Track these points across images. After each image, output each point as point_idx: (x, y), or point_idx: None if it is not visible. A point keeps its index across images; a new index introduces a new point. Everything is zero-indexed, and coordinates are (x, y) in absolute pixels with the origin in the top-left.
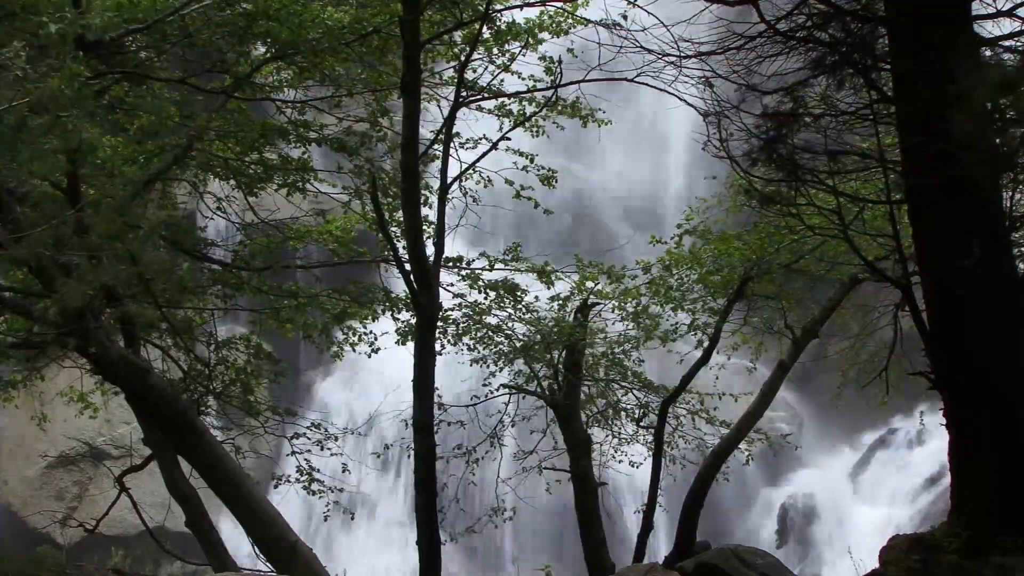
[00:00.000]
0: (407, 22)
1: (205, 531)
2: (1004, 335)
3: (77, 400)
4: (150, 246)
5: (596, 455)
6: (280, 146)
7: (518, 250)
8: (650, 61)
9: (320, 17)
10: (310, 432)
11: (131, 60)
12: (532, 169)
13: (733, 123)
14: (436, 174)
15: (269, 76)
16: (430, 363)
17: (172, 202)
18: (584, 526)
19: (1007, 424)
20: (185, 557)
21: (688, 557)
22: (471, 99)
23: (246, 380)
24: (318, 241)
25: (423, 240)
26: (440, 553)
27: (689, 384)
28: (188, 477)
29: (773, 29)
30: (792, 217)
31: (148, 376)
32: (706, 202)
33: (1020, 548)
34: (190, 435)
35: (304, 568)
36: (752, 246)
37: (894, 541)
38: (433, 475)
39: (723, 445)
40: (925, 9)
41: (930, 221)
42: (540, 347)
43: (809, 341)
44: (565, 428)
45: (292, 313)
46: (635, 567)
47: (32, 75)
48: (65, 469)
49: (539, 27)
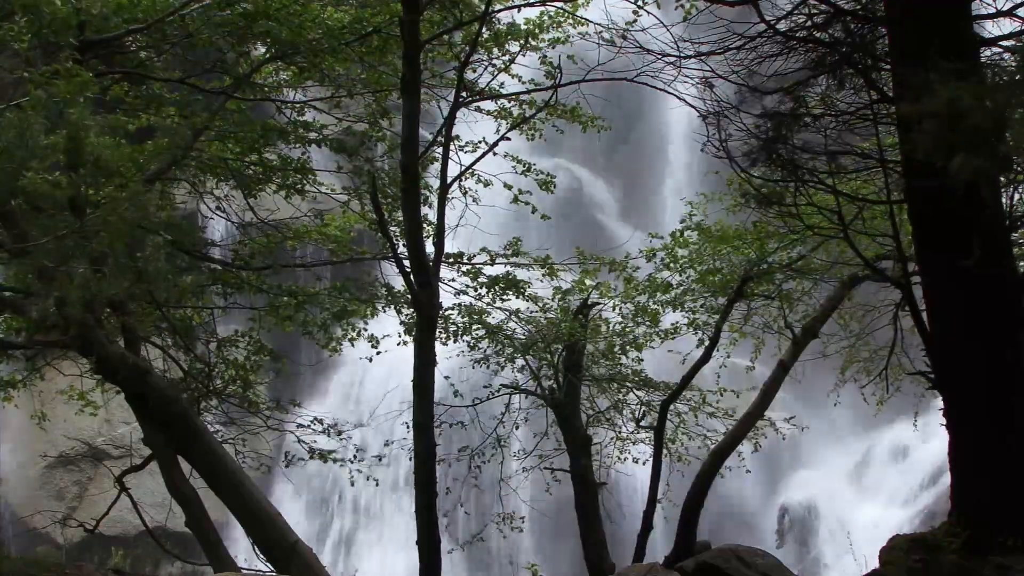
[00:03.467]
0: (407, 22)
1: (205, 531)
2: (1004, 335)
3: (77, 400)
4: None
5: (596, 455)
6: (280, 147)
7: (518, 244)
8: (650, 61)
9: (320, 17)
10: (314, 424)
11: (131, 60)
12: (530, 174)
13: (733, 123)
14: (435, 174)
15: (269, 76)
16: (430, 363)
17: (172, 202)
18: (584, 526)
19: (1006, 424)
20: (185, 557)
21: (688, 557)
22: (471, 99)
23: (245, 375)
24: (317, 241)
25: (423, 240)
26: (440, 553)
27: (689, 383)
28: (188, 477)
29: (773, 29)
30: (792, 217)
31: (148, 376)
32: (707, 198)
33: (1020, 548)
34: (190, 435)
35: (304, 568)
36: (752, 246)
37: (894, 541)
38: (433, 475)
39: (723, 445)
40: (925, 9)
41: (930, 221)
42: (540, 347)
43: (809, 341)
44: (565, 428)
45: (291, 311)
46: (635, 567)
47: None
48: (65, 469)
49: (539, 28)
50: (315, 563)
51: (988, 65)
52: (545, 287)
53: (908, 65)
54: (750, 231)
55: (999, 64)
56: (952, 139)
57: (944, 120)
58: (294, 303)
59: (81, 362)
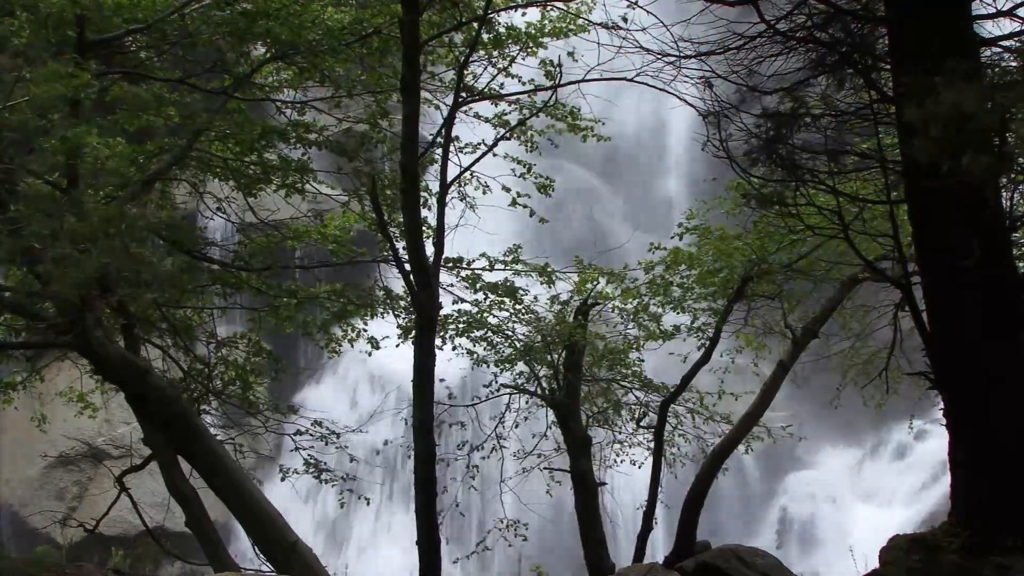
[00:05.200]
0: (407, 23)
1: (205, 531)
2: (1004, 335)
3: (77, 400)
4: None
5: (596, 455)
6: (280, 147)
7: (518, 252)
8: (650, 61)
9: (320, 18)
10: (313, 430)
11: (131, 60)
12: (530, 178)
13: (733, 123)
14: (435, 175)
15: (269, 76)
16: (430, 363)
17: (172, 202)
18: (584, 526)
19: (1007, 424)
20: (185, 557)
21: (688, 557)
22: (471, 100)
23: (245, 376)
24: (317, 241)
25: (423, 240)
26: (440, 553)
27: (689, 384)
28: (188, 477)
29: (773, 29)
30: (792, 217)
31: (148, 376)
32: (707, 204)
33: (1020, 548)
34: (190, 435)
35: (304, 568)
36: (752, 246)
37: (894, 541)
38: (433, 476)
39: (723, 446)
40: (925, 9)
41: (930, 221)
42: (540, 347)
43: (809, 341)
44: (565, 428)
45: (291, 311)
46: (635, 567)
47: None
48: (65, 469)
49: (540, 31)
50: (315, 563)
51: (988, 65)
52: (544, 292)
53: (908, 65)
54: (750, 232)
55: (1000, 64)
56: (957, 141)
57: (950, 123)
58: (294, 303)
59: (81, 363)
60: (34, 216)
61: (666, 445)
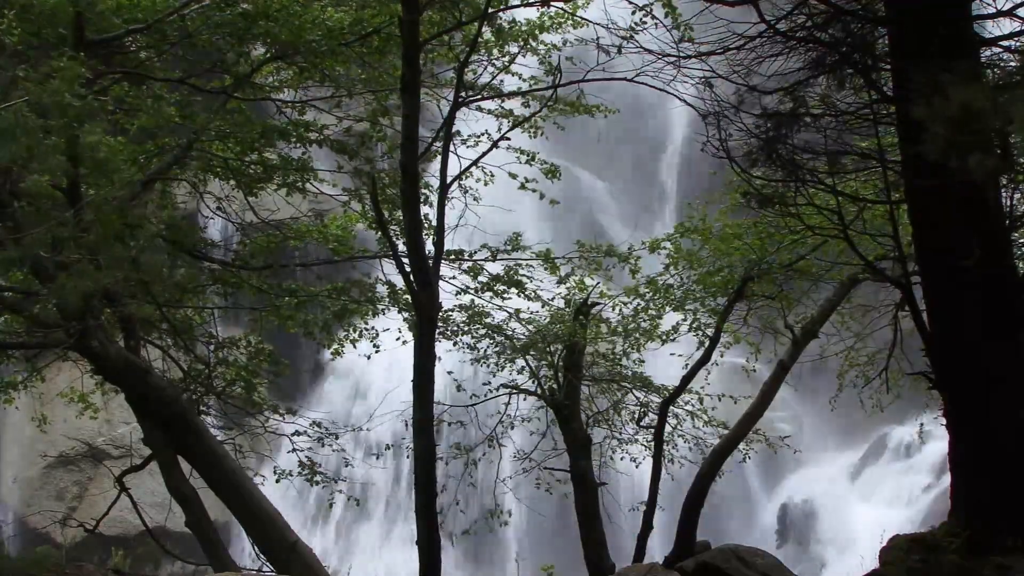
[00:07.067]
0: (407, 22)
1: (205, 531)
2: (1004, 335)
3: (77, 400)
4: (151, 249)
5: (596, 455)
6: (280, 146)
7: (519, 240)
8: (650, 61)
9: (320, 18)
10: (311, 431)
11: (131, 60)
12: (535, 164)
13: (733, 123)
14: (435, 174)
15: (269, 76)
16: (430, 363)
17: (172, 202)
18: (584, 526)
19: (1007, 424)
20: (185, 557)
21: (688, 557)
22: (470, 99)
23: (247, 377)
24: (318, 240)
25: (423, 239)
26: (440, 553)
27: (689, 384)
28: (188, 477)
29: (773, 29)
30: (792, 217)
31: (148, 376)
32: (704, 199)
33: (1020, 548)
34: (190, 435)
35: (304, 568)
36: (752, 246)
37: (894, 541)
38: (433, 475)
39: (723, 445)
40: (925, 9)
41: (930, 221)
42: (540, 347)
43: (809, 341)
44: (565, 428)
45: (292, 311)
46: (635, 567)
47: (33, 75)
48: (65, 469)
49: (540, 28)
50: (315, 563)
51: (988, 65)
52: (546, 288)
53: (909, 65)
54: (749, 230)
55: (1000, 64)
56: (963, 140)
57: (956, 122)
58: (295, 303)
59: (82, 363)
60: (36, 218)
61: (666, 445)
